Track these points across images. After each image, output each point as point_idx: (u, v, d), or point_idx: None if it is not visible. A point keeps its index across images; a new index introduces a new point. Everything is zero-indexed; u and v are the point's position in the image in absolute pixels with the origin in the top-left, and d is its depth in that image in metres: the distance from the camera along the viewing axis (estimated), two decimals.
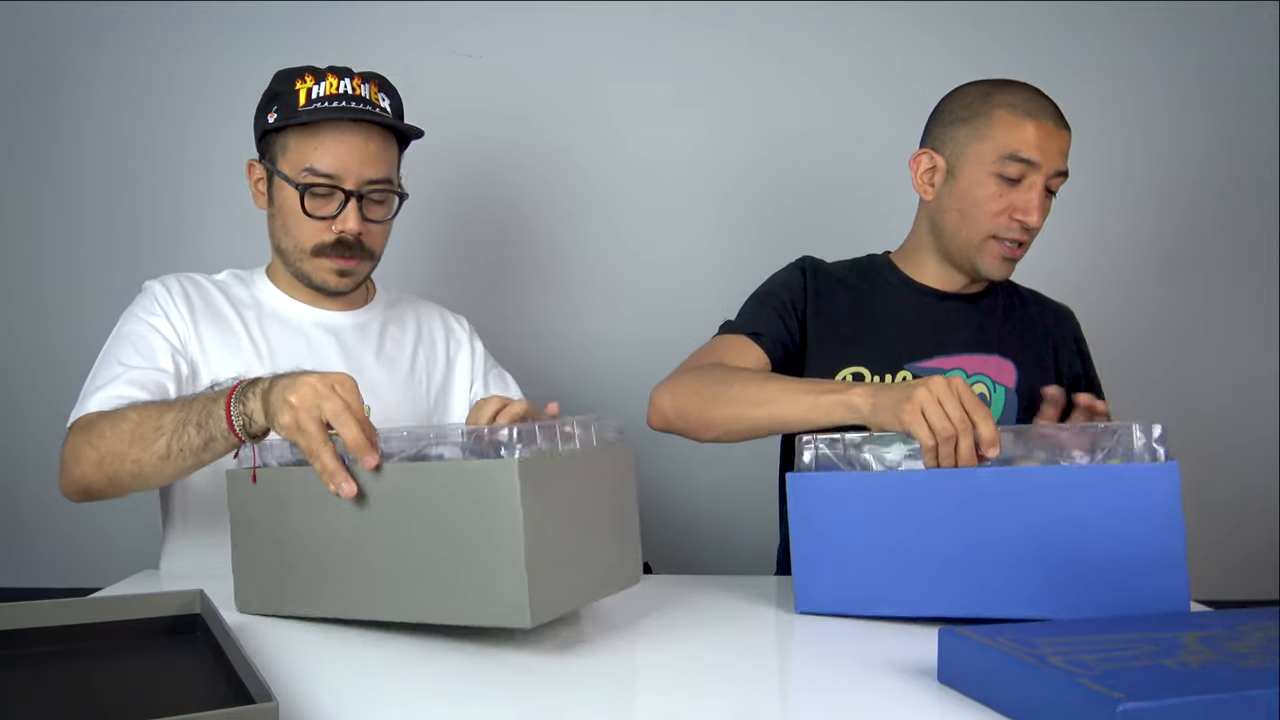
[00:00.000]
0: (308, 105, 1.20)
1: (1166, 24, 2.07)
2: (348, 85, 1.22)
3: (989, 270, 1.29)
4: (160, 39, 1.92)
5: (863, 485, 0.97)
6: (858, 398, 1.03)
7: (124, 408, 1.08)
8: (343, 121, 1.20)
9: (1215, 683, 0.65)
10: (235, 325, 1.27)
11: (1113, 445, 0.92)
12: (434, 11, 1.96)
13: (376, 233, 1.27)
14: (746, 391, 1.14)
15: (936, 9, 2.03)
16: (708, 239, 2.01)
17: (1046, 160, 1.23)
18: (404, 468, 0.85)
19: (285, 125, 1.21)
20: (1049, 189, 1.25)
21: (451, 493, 0.81)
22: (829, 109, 2.02)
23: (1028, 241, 1.27)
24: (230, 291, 1.31)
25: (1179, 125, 2.08)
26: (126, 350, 1.20)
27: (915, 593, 0.95)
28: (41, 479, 1.92)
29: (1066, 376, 1.36)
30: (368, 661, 0.84)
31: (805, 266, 1.39)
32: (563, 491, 0.84)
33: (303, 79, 1.22)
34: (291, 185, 1.22)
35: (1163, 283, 2.09)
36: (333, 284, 1.28)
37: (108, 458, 1.06)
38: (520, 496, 0.78)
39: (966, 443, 0.94)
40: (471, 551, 0.80)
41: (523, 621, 0.78)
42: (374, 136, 1.22)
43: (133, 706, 0.73)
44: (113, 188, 1.92)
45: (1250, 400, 2.08)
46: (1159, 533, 0.87)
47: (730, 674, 0.83)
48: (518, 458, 0.78)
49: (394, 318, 1.39)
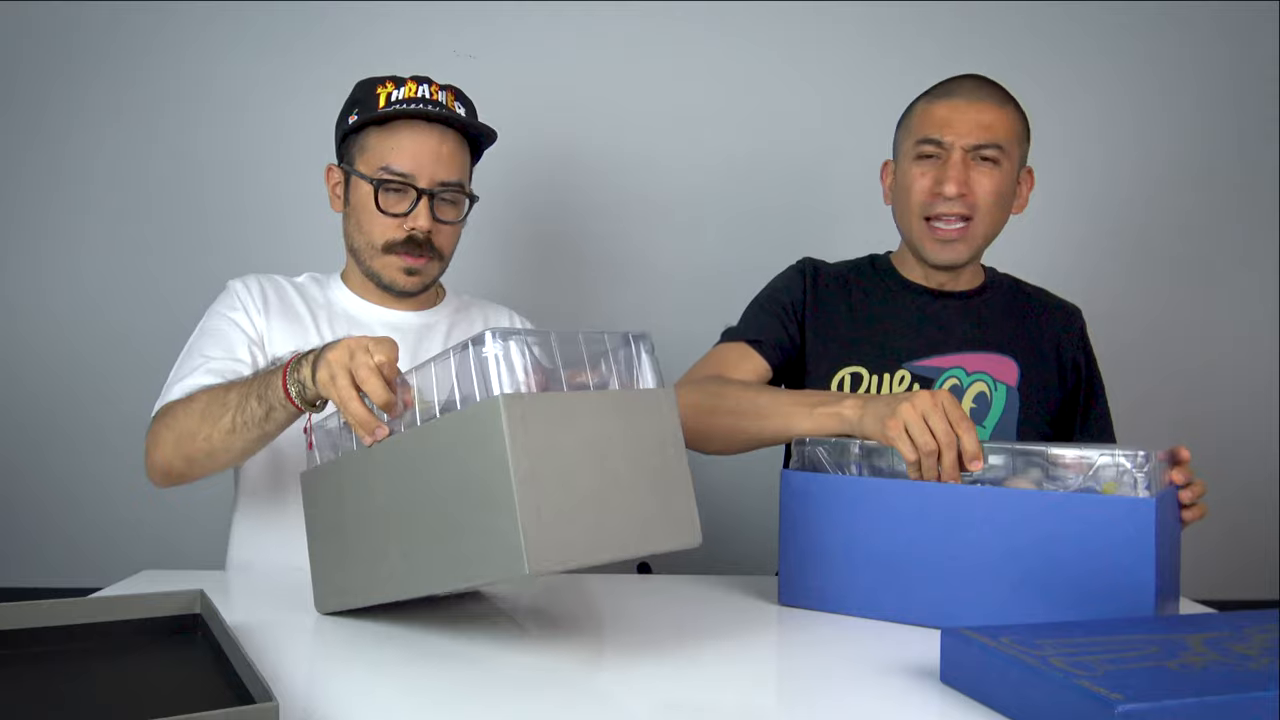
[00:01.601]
0: (387, 107, 1.25)
1: (1167, 24, 2.07)
2: (425, 90, 1.27)
3: (932, 255, 1.30)
4: (162, 41, 1.92)
5: (851, 490, 1.00)
6: (848, 409, 1.05)
7: (196, 392, 1.14)
8: (418, 122, 1.25)
9: (1216, 684, 0.65)
10: (307, 322, 1.31)
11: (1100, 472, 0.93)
12: (434, 12, 1.96)
13: (446, 233, 1.30)
14: (742, 405, 1.17)
15: (937, 10, 2.03)
16: (707, 239, 2.01)
17: (957, 135, 1.25)
18: (399, 435, 0.85)
19: (364, 125, 1.26)
20: (983, 159, 1.25)
21: (445, 445, 0.79)
22: (832, 110, 2.02)
23: (969, 219, 1.26)
24: (306, 292, 1.35)
25: (1179, 125, 2.08)
26: (207, 343, 1.25)
27: (892, 599, 0.98)
28: (41, 479, 1.93)
29: (1070, 375, 1.36)
30: (368, 661, 0.84)
31: (805, 268, 1.39)
32: (570, 431, 0.78)
33: (383, 85, 1.28)
34: (367, 181, 1.25)
35: (1162, 282, 2.09)
36: (401, 283, 1.30)
37: (183, 438, 1.11)
38: (507, 432, 0.73)
39: (950, 457, 0.95)
40: (470, 504, 0.77)
41: (519, 568, 0.72)
42: (448, 139, 1.27)
43: (133, 706, 0.73)
44: (117, 190, 1.92)
45: (1250, 400, 2.08)
46: (1131, 564, 0.88)
47: (731, 673, 0.83)
48: (502, 394, 0.74)
49: (462, 319, 1.41)
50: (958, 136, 1.25)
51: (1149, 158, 2.08)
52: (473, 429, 0.76)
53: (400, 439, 0.85)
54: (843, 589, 1.00)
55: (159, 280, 1.90)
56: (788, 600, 1.03)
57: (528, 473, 0.74)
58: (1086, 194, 2.06)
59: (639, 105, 2.00)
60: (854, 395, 1.09)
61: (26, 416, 1.91)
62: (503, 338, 0.77)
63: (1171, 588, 0.97)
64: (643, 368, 0.87)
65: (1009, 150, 1.26)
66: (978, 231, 1.28)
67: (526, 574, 0.72)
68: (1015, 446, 0.98)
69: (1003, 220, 1.30)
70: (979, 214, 1.26)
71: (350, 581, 0.92)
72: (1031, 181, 1.34)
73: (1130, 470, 0.91)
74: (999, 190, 1.26)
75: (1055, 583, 0.91)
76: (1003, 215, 1.29)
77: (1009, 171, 1.27)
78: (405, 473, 0.84)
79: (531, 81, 1.97)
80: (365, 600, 0.90)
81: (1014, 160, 1.28)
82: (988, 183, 1.25)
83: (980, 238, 1.29)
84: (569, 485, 0.76)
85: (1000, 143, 1.25)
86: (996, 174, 1.26)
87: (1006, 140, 1.26)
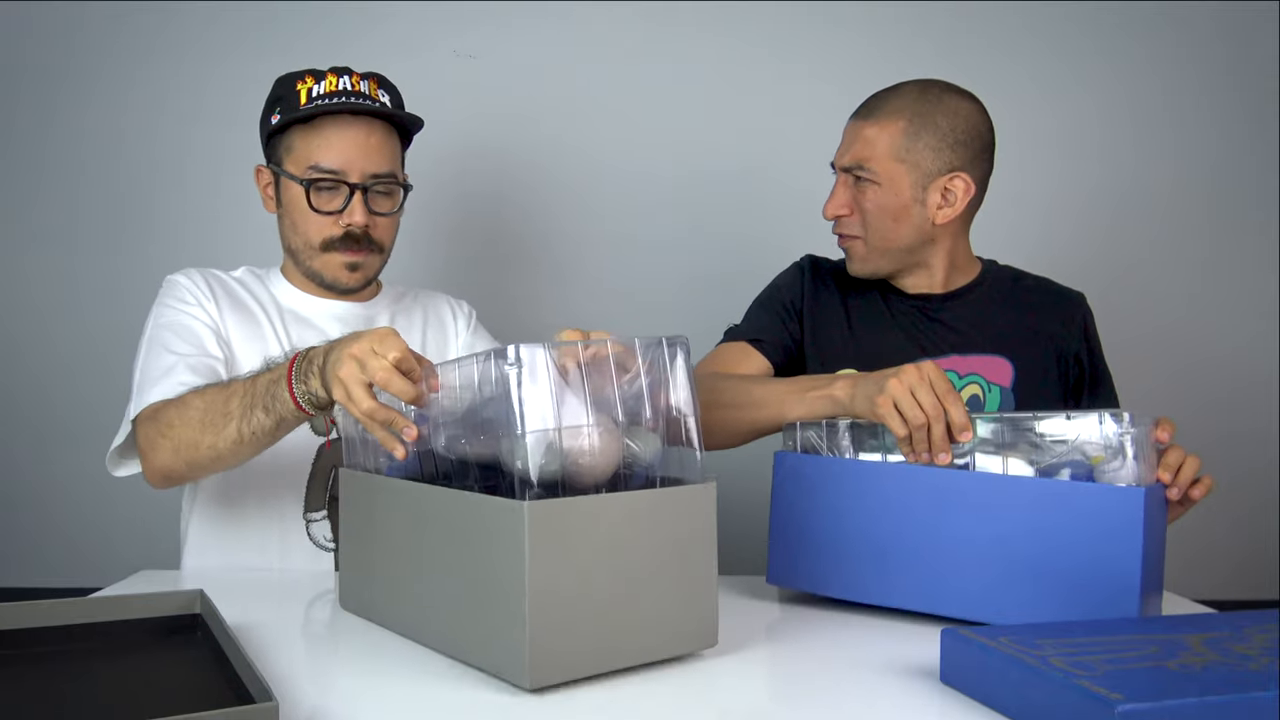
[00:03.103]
0: (308, 104, 1.23)
1: (1166, 24, 2.06)
2: (347, 83, 1.25)
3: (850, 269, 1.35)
4: (163, 43, 1.92)
5: (842, 471, 1.02)
6: (840, 391, 1.08)
7: (187, 394, 1.10)
8: (343, 116, 1.23)
9: (1216, 684, 0.65)
10: (260, 318, 1.29)
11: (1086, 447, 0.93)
12: (435, 12, 1.96)
13: (384, 225, 1.29)
14: (738, 397, 1.19)
15: (939, 10, 2.03)
16: (703, 239, 2.01)
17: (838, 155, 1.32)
18: (427, 491, 0.84)
19: (288, 125, 1.24)
20: (858, 179, 1.28)
21: (471, 520, 0.77)
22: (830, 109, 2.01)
23: (850, 235, 1.31)
24: (250, 287, 1.33)
25: (1179, 124, 2.08)
26: (173, 339, 1.21)
27: (878, 582, 0.99)
28: (41, 479, 1.93)
29: (1072, 369, 1.34)
30: (367, 662, 0.84)
31: (805, 265, 1.40)
32: (596, 536, 0.75)
33: (303, 80, 1.25)
34: (298, 183, 1.24)
35: (1161, 281, 2.09)
36: (344, 280, 1.29)
37: (183, 446, 1.08)
38: (528, 544, 0.70)
39: (939, 429, 0.97)
40: (486, 590, 0.76)
41: (521, 681, 0.73)
42: (375, 130, 1.25)
43: (133, 706, 0.73)
44: (112, 190, 1.92)
45: (1250, 400, 2.08)
46: (1118, 553, 0.89)
47: (731, 672, 0.83)
48: (528, 501, 0.71)
49: (402, 309, 1.41)
50: (838, 158, 1.31)
51: (1149, 156, 2.07)
52: (497, 522, 0.74)
53: (429, 495, 0.84)
54: (830, 570, 1.01)
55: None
56: (775, 580, 1.05)
57: (544, 586, 0.72)
58: (1088, 192, 2.06)
59: (639, 105, 2.00)
60: (844, 376, 1.12)
61: (26, 416, 1.91)
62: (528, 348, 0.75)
63: (1155, 582, 0.97)
64: (675, 371, 0.84)
65: (881, 166, 1.27)
66: (871, 244, 1.30)
67: (527, 688, 0.73)
68: (1003, 416, 0.99)
69: (899, 230, 1.28)
70: (867, 229, 1.29)
71: (372, 597, 0.93)
72: (968, 186, 1.28)
73: (1117, 433, 0.92)
74: (879, 204, 1.27)
75: (1042, 570, 0.92)
76: (893, 225, 1.28)
77: (890, 185, 1.27)
78: (431, 526, 0.83)
79: (531, 81, 1.97)
80: (383, 624, 0.91)
81: (897, 175, 1.27)
82: (863, 199, 1.28)
83: (875, 250, 1.30)
84: (586, 596, 0.74)
85: (864, 162, 1.27)
86: (869, 190, 1.28)
87: (877, 157, 1.27)
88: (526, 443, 0.74)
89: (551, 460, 0.75)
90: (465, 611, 0.79)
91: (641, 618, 0.78)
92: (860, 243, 1.31)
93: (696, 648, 0.82)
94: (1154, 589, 0.96)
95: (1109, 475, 0.93)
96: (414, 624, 0.86)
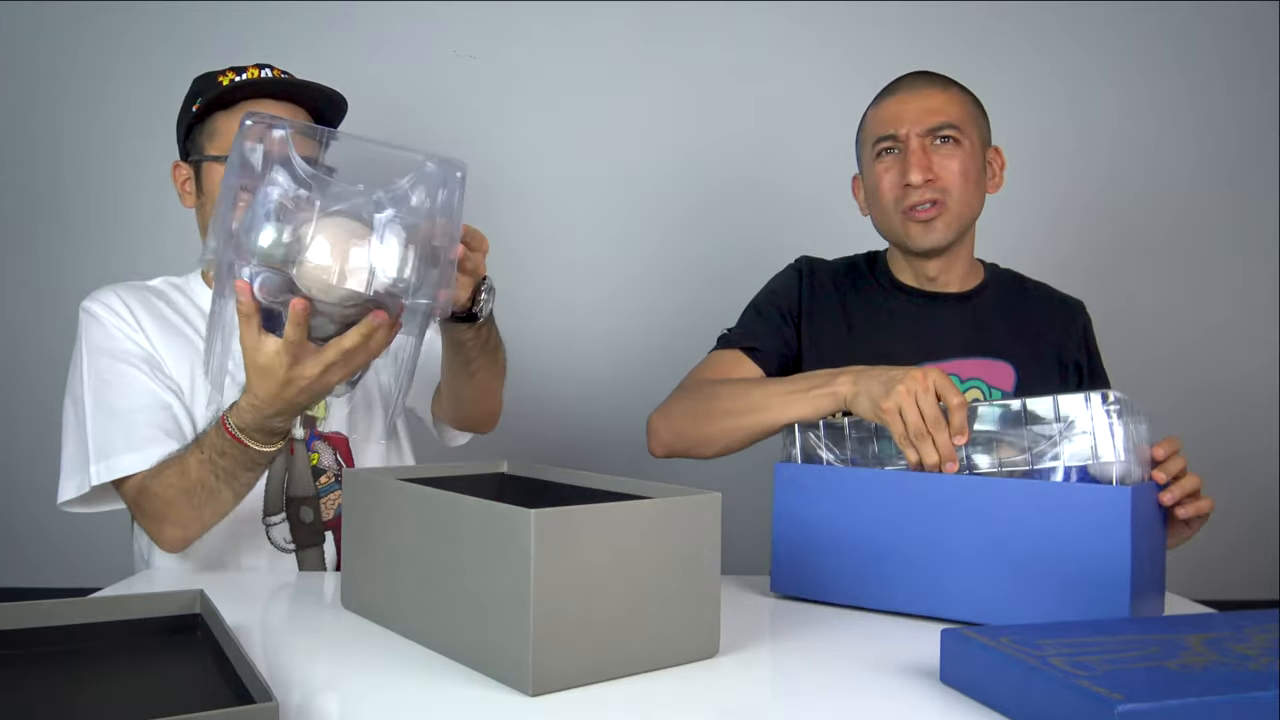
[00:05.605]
0: (230, 88, 1.23)
1: (1167, 24, 2.07)
2: (267, 73, 1.26)
3: (915, 241, 1.29)
4: (169, 42, 1.92)
5: (842, 480, 1.03)
6: (842, 387, 1.08)
7: (164, 476, 1.10)
8: (265, 100, 1.22)
9: (1217, 684, 0.65)
10: (186, 330, 1.27)
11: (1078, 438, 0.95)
12: (435, 12, 1.95)
13: None
14: (737, 402, 1.18)
15: (939, 10, 2.03)
16: (696, 238, 2.01)
17: (910, 123, 1.26)
18: (432, 496, 0.84)
19: (210, 110, 1.23)
20: (941, 139, 1.26)
21: (475, 527, 0.78)
22: (822, 109, 2.01)
23: (940, 200, 1.26)
24: (170, 299, 1.30)
25: (1179, 124, 2.08)
26: (115, 395, 1.18)
27: (880, 588, 1.00)
28: (40, 479, 1.92)
29: (1071, 376, 1.34)
30: (368, 662, 0.84)
31: (801, 268, 1.39)
32: (602, 547, 0.76)
33: (223, 74, 1.26)
34: (222, 162, 1.21)
35: (1161, 281, 2.09)
36: None
37: (188, 522, 1.12)
38: (534, 554, 0.71)
39: (942, 437, 0.99)
40: (490, 597, 0.76)
41: (524, 688, 0.73)
42: (299, 114, 1.25)
43: (133, 706, 0.73)
44: (94, 185, 1.92)
45: (1250, 399, 2.08)
46: (1108, 553, 0.89)
47: (731, 672, 0.83)
48: (535, 511, 0.72)
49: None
50: (911, 125, 1.26)
51: (1147, 155, 2.08)
52: (503, 528, 0.75)
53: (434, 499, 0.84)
54: (832, 578, 1.02)
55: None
56: (779, 589, 1.06)
57: (548, 596, 0.73)
58: (1088, 191, 2.06)
59: (639, 104, 2.00)
60: (846, 371, 1.11)
61: (26, 416, 1.91)
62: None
63: (1152, 582, 0.97)
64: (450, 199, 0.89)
65: (965, 128, 1.27)
66: (953, 211, 1.27)
67: (530, 695, 0.73)
68: (998, 405, 1.00)
69: (977, 198, 1.30)
70: (950, 194, 1.26)
71: (374, 597, 0.93)
72: (1002, 160, 1.34)
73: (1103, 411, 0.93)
74: (964, 167, 1.26)
75: (1036, 570, 0.92)
76: (975, 192, 1.29)
77: (971, 149, 1.27)
78: (436, 529, 0.83)
79: (531, 81, 1.97)
80: (385, 625, 0.91)
81: (974, 138, 1.28)
82: (952, 162, 1.26)
83: (957, 217, 1.28)
84: (590, 606, 0.75)
85: (954, 121, 1.26)
86: (958, 152, 1.26)
87: (960, 118, 1.27)
88: (260, 214, 0.81)
89: (279, 238, 0.82)
90: (468, 616, 0.79)
91: (644, 627, 0.79)
92: (944, 209, 1.27)
93: (698, 658, 0.83)
94: (1151, 589, 0.97)
95: (1097, 468, 0.94)
96: (416, 626, 0.86)
